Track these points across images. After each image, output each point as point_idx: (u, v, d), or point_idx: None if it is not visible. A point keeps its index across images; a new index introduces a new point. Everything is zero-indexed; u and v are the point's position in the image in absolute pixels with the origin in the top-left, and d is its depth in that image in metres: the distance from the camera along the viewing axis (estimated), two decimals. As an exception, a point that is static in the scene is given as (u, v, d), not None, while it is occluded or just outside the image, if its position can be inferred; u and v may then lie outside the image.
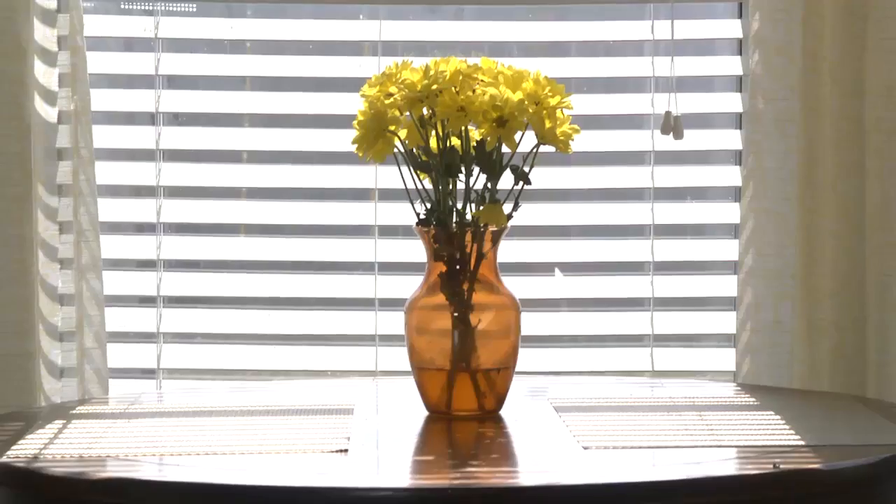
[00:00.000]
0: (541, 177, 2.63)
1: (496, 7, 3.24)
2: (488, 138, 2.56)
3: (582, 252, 3.23)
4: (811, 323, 3.03)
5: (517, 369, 2.69)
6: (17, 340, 3.01)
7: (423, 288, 2.67)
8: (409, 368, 2.69)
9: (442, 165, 2.60)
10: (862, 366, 3.02)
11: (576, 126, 2.60)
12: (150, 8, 3.16)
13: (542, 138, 2.58)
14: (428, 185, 2.62)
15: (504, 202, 2.60)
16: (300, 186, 3.20)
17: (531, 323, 2.73)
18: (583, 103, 2.68)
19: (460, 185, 2.60)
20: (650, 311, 3.18)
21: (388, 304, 3.11)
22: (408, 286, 2.71)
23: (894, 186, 3.01)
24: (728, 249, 3.16)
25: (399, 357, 2.75)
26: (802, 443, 2.48)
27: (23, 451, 2.44)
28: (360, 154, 2.61)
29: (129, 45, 3.20)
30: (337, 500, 2.26)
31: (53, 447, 2.47)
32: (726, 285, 3.15)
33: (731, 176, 3.16)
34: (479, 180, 2.59)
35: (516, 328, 2.67)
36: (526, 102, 2.56)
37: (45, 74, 3.03)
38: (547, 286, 3.21)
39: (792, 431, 2.57)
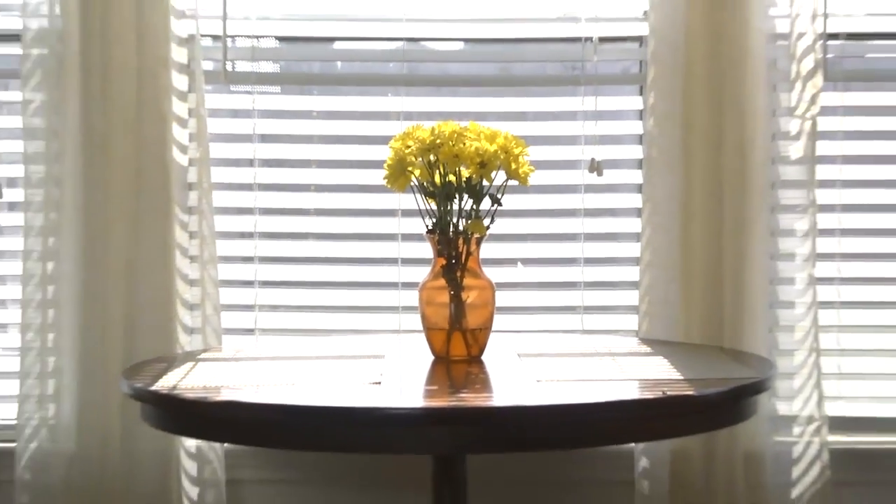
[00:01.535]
0: (509, 201, 2.64)
1: (479, 87, 3.24)
2: (474, 176, 2.57)
3: (536, 251, 3.22)
4: (688, 298, 3.02)
5: (493, 329, 2.70)
6: (163, 310, 3.02)
7: (431, 275, 2.68)
8: (421, 328, 2.70)
9: (443, 193, 2.61)
10: (720, 326, 3.01)
11: (532, 167, 2.61)
12: (250, 90, 3.15)
13: (510, 175, 2.60)
14: (433, 206, 2.63)
15: (484, 218, 2.62)
16: (350, 207, 3.19)
17: (502, 298, 2.72)
18: (536, 152, 2.68)
19: (455, 207, 2.61)
20: (581, 290, 3.17)
21: (407, 286, 3.11)
22: (420, 273, 2.72)
23: (743, 210, 3.00)
24: (633, 249, 3.15)
25: (415, 321, 2.75)
26: (682, 377, 2.50)
27: (166, 382, 2.46)
28: (389, 185, 2.62)
29: (235, 114, 3.18)
30: (373, 415, 2.27)
31: (186, 380, 2.49)
32: (632, 273, 3.14)
33: (634, 200, 3.15)
34: (467, 203, 2.61)
35: (492, 301, 2.68)
36: (499, 152, 2.57)
37: (180, 134, 3.03)
38: (512, 274, 3.21)
39: (675, 370, 2.58)
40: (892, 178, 3.17)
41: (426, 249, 2.71)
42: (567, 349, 2.91)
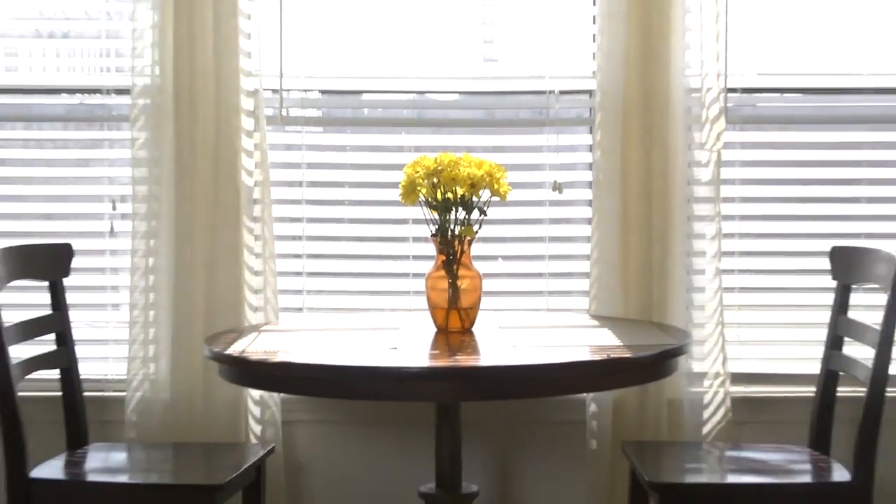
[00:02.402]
0: (492, 212, 2.64)
1: (470, 128, 3.20)
2: (466, 193, 2.58)
3: (512, 250, 3.19)
4: (625, 285, 3.00)
5: (480, 308, 2.70)
6: (234, 293, 3.00)
7: (434, 267, 2.68)
8: (427, 307, 2.70)
9: (443, 206, 2.60)
10: (649, 306, 3.00)
11: (510, 187, 2.62)
12: (300, 130, 3.14)
13: (493, 193, 2.61)
14: (436, 216, 2.62)
15: (474, 225, 2.61)
16: (373, 217, 3.17)
17: (487, 284, 2.73)
18: (513, 176, 2.68)
19: (452, 216, 2.61)
20: (546, 279, 3.15)
21: (417, 276, 3.08)
22: (426, 266, 2.72)
23: (667, 219, 2.99)
24: (584, 248, 3.11)
25: (422, 302, 2.75)
26: (621, 343, 2.51)
27: (236, 347, 2.47)
28: (402, 200, 2.63)
29: (289, 147, 3.16)
30: (392, 372, 2.30)
31: (252, 346, 2.51)
32: (584, 266, 3.11)
33: (586, 212, 3.13)
34: (461, 214, 2.60)
35: (480, 287, 2.68)
36: (485, 176, 2.58)
37: (247, 163, 3.01)
38: (495, 266, 3.17)
39: (616, 338, 2.59)
40: (777, 195, 3.17)
41: (430, 248, 2.71)
42: (536, 323, 2.90)
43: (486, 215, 2.63)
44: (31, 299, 2.89)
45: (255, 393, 3.03)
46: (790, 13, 3.10)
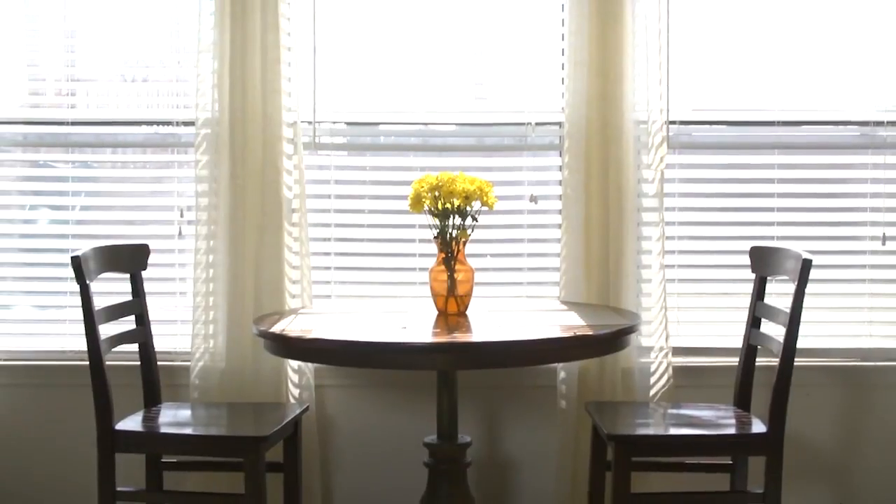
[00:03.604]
0: (483, 219, 2.65)
1: (464, 151, 3.18)
2: (461, 203, 2.58)
3: (498, 249, 3.17)
4: (588, 276, 2.99)
5: (473, 295, 2.70)
6: (277, 283, 2.99)
7: (436, 263, 2.68)
8: (430, 295, 2.70)
9: (443, 214, 2.61)
10: (607, 293, 2.99)
11: (496, 198, 2.63)
12: (329, 153, 3.13)
13: (483, 204, 2.61)
14: (437, 222, 2.62)
15: (467, 229, 2.61)
16: (388, 223, 3.15)
17: (478, 277, 2.73)
18: (499, 190, 2.69)
19: (450, 222, 2.61)
20: (525, 272, 3.15)
21: (422, 269, 3.08)
22: (429, 262, 2.72)
23: (621, 224, 2.98)
24: (555, 248, 3.10)
25: (426, 290, 2.75)
26: (585, 324, 2.51)
27: (277, 327, 2.48)
28: (411, 209, 2.64)
29: (321, 167, 3.15)
30: (402, 347, 2.31)
31: (290, 325, 2.51)
32: (555, 262, 3.10)
33: (556, 219, 3.11)
34: (458, 220, 2.61)
35: (472, 279, 2.69)
36: (476, 190, 2.59)
37: (288, 179, 3.01)
38: (484, 262, 3.15)
39: (581, 319, 2.59)
40: (708, 205, 3.17)
41: (432, 248, 2.72)
42: (517, 308, 2.91)
43: (477, 221, 2.64)
44: (116, 288, 2.90)
45: (294, 363, 3.03)
46: (719, 64, 3.13)
